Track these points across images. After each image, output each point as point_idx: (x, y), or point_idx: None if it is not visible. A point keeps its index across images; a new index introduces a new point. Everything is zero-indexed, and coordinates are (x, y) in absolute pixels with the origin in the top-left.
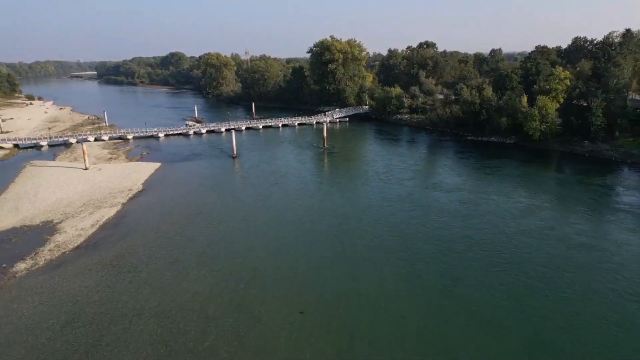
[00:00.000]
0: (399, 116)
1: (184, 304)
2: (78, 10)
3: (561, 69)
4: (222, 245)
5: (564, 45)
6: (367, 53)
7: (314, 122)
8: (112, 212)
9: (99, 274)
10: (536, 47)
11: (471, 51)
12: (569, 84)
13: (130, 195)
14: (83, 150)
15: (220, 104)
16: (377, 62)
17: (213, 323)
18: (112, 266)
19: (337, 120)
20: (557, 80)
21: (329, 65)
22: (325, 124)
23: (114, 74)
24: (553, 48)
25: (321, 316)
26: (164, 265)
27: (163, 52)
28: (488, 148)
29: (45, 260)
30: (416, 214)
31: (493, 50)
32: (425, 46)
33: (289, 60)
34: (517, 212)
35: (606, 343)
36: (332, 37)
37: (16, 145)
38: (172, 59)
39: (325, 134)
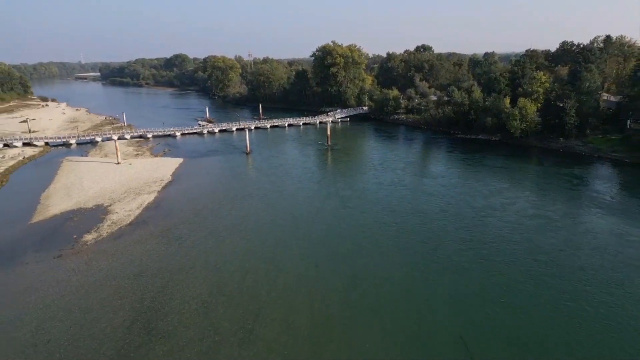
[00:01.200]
0: (396, 116)
1: (225, 261)
2: (78, 11)
3: (542, 73)
4: (249, 220)
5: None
6: (367, 55)
7: (317, 122)
8: (151, 197)
9: (153, 243)
10: (526, 50)
11: (471, 51)
12: (548, 86)
13: (162, 185)
14: (116, 147)
15: (226, 105)
16: (376, 65)
17: (250, 273)
18: (162, 237)
19: (339, 120)
20: (538, 84)
21: (331, 69)
22: (328, 123)
23: (118, 76)
24: (542, 52)
25: (331, 267)
26: (203, 235)
27: (164, 53)
28: (475, 144)
29: (107, 232)
30: (405, 195)
31: (487, 54)
32: (422, 49)
33: (290, 62)
34: (488, 192)
35: (534, 278)
36: (333, 42)
37: (47, 144)
38: (175, 61)
39: (328, 132)
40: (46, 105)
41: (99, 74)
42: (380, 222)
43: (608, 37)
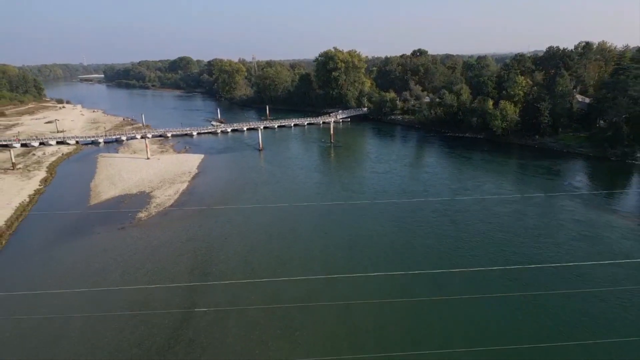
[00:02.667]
0: (392, 117)
1: (254, 230)
2: (79, 13)
3: (522, 77)
4: (269, 201)
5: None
6: (367, 57)
7: (321, 122)
8: (184, 186)
9: (194, 219)
10: (515, 55)
11: (471, 52)
12: (527, 90)
13: (191, 176)
14: (146, 145)
15: (233, 106)
16: (375, 68)
17: (274, 237)
18: (200, 214)
19: (340, 120)
20: (519, 87)
21: (333, 73)
22: (331, 123)
23: (124, 78)
24: (529, 56)
25: (338, 233)
26: (235, 213)
27: (166, 55)
28: (462, 141)
29: (155, 211)
30: (396, 180)
31: (479, 57)
32: (418, 53)
33: (292, 65)
34: (463, 177)
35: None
36: (335, 48)
37: (77, 142)
38: (180, 63)
39: (332, 131)
40: (63, 107)
41: (102, 75)
42: (375, 200)
43: (587, 44)
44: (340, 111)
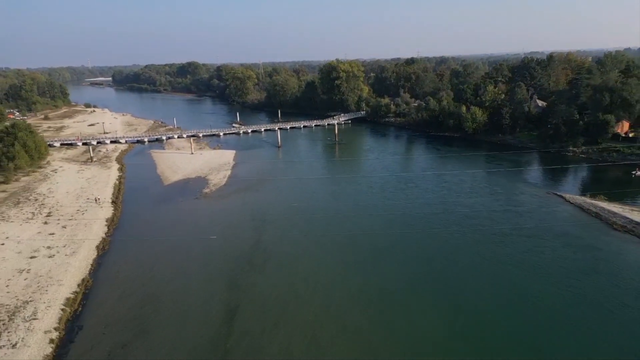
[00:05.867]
0: (387, 119)
1: (287, 200)
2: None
3: (492, 86)
4: (293, 182)
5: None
6: (364, 61)
7: (326, 124)
8: (228, 172)
9: (244, 193)
10: (495, 64)
11: (470, 52)
12: (495, 97)
13: (231, 166)
14: (191, 143)
15: (245, 110)
16: (373, 74)
17: (301, 203)
18: (247, 190)
19: (342, 122)
20: (489, 95)
21: (335, 81)
22: (335, 124)
23: (134, 82)
24: (507, 66)
25: (344, 201)
26: (271, 190)
27: (167, 56)
28: (441, 139)
29: (215, 188)
30: (387, 165)
31: (465, 65)
32: (411, 62)
33: (296, 70)
34: (435, 164)
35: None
36: (337, 60)
37: (126, 141)
38: (189, 68)
39: (336, 131)
40: (93, 111)
41: (110, 79)
42: (370, 181)
43: (551, 56)
44: (342, 114)
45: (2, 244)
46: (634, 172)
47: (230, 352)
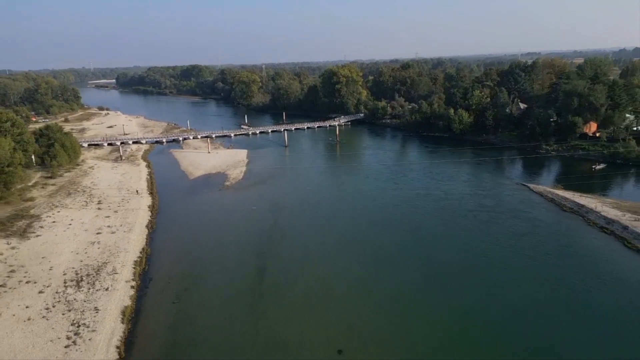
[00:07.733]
0: (384, 120)
1: (299, 190)
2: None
3: (478, 91)
4: (302, 175)
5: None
6: (363, 63)
7: (327, 125)
8: (244, 168)
9: (260, 186)
10: (486, 69)
11: (470, 52)
12: (481, 100)
13: (245, 163)
14: (208, 143)
15: (250, 112)
16: (371, 77)
17: (311, 193)
18: (262, 184)
19: (342, 123)
20: (476, 98)
21: (336, 86)
22: (337, 125)
23: (139, 84)
24: (496, 70)
25: (346, 194)
26: (285, 183)
27: (169, 57)
28: (432, 139)
29: (235, 182)
30: (383, 159)
31: (458, 70)
32: (407, 66)
33: (297, 73)
34: (423, 159)
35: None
36: (337, 66)
37: (146, 142)
38: (192, 71)
39: (337, 132)
40: (107, 113)
41: (114, 81)
42: (367, 173)
43: (535, 62)
44: (342, 116)
45: (70, 225)
46: (594, 166)
47: (263, 295)
